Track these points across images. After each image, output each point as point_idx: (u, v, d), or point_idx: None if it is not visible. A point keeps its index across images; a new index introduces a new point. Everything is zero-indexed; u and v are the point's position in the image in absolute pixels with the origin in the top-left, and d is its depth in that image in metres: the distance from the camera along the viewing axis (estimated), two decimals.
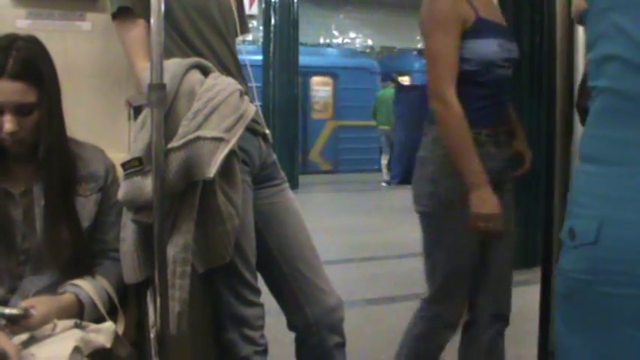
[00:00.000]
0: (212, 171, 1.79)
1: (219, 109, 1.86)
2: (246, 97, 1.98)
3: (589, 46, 1.33)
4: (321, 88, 16.30)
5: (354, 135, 15.62)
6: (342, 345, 2.29)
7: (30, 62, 1.80)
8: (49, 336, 1.69)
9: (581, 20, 1.51)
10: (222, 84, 1.92)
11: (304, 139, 15.16)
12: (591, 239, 1.22)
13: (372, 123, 14.21)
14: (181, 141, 1.80)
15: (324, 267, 2.31)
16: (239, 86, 1.97)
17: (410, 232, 7.62)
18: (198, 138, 1.80)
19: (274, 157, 2.29)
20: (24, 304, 1.74)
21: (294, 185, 10.86)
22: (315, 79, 16.08)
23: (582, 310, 1.27)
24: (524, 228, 5.11)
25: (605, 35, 1.27)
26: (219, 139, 1.82)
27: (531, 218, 5.37)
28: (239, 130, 1.88)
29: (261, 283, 2.21)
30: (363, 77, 15.96)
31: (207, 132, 1.81)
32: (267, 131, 2.26)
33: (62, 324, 1.71)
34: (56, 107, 1.88)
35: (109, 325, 1.79)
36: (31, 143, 1.84)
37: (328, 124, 16.08)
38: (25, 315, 1.69)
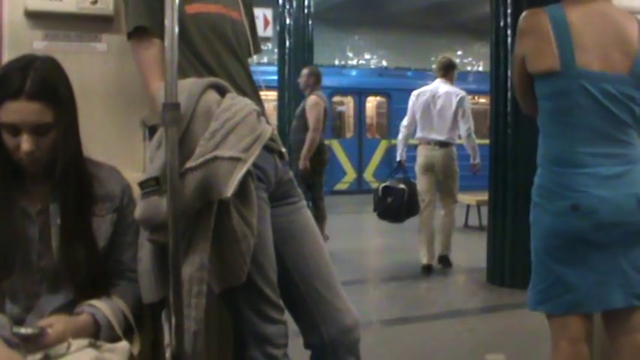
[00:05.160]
0: (229, 191, 1.78)
1: (237, 129, 1.85)
2: (262, 118, 1.98)
3: (554, 95, 2.40)
4: None
5: None
6: None
7: (47, 83, 1.81)
8: (64, 355, 1.68)
9: (537, 76, 2.45)
10: (239, 104, 1.92)
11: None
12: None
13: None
14: (199, 161, 1.79)
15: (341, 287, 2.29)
16: (256, 107, 1.97)
17: None
18: (216, 158, 1.79)
19: (291, 174, 2.28)
20: (41, 323, 1.74)
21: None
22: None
23: None
24: None
25: (575, 91, 2.35)
26: (237, 159, 1.81)
27: None
28: (256, 151, 1.87)
29: None
30: None
31: (224, 152, 1.80)
32: (284, 149, 2.25)
33: (77, 343, 1.71)
34: (73, 127, 1.88)
35: (123, 344, 1.79)
36: (48, 162, 1.85)
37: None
38: (41, 334, 1.69)
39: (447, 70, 6.91)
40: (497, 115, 6.07)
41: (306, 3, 11.96)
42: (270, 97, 13.13)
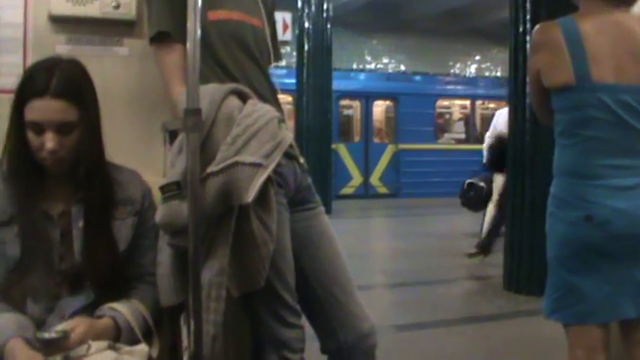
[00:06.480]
0: (250, 196, 1.80)
1: (258, 135, 1.87)
2: (283, 125, 2.00)
3: (569, 108, 2.39)
4: None
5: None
6: None
7: (72, 82, 1.84)
8: (84, 357, 1.70)
9: (553, 90, 2.43)
10: (261, 110, 1.94)
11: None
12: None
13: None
14: (220, 166, 1.80)
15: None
16: (277, 113, 1.98)
17: (441, 259, 7.64)
18: (237, 163, 1.81)
19: (309, 180, 2.29)
20: (64, 325, 1.75)
21: (328, 210, 10.92)
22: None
23: None
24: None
25: (592, 105, 2.34)
26: (258, 165, 1.82)
27: None
28: (277, 157, 1.89)
29: None
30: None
31: (245, 157, 1.82)
32: (302, 160, 2.26)
33: (96, 345, 1.72)
34: (96, 127, 1.91)
35: (142, 347, 1.80)
36: (71, 164, 1.87)
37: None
38: (65, 337, 1.70)
39: None
40: (516, 121, 6.06)
41: (325, 7, 12.00)
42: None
